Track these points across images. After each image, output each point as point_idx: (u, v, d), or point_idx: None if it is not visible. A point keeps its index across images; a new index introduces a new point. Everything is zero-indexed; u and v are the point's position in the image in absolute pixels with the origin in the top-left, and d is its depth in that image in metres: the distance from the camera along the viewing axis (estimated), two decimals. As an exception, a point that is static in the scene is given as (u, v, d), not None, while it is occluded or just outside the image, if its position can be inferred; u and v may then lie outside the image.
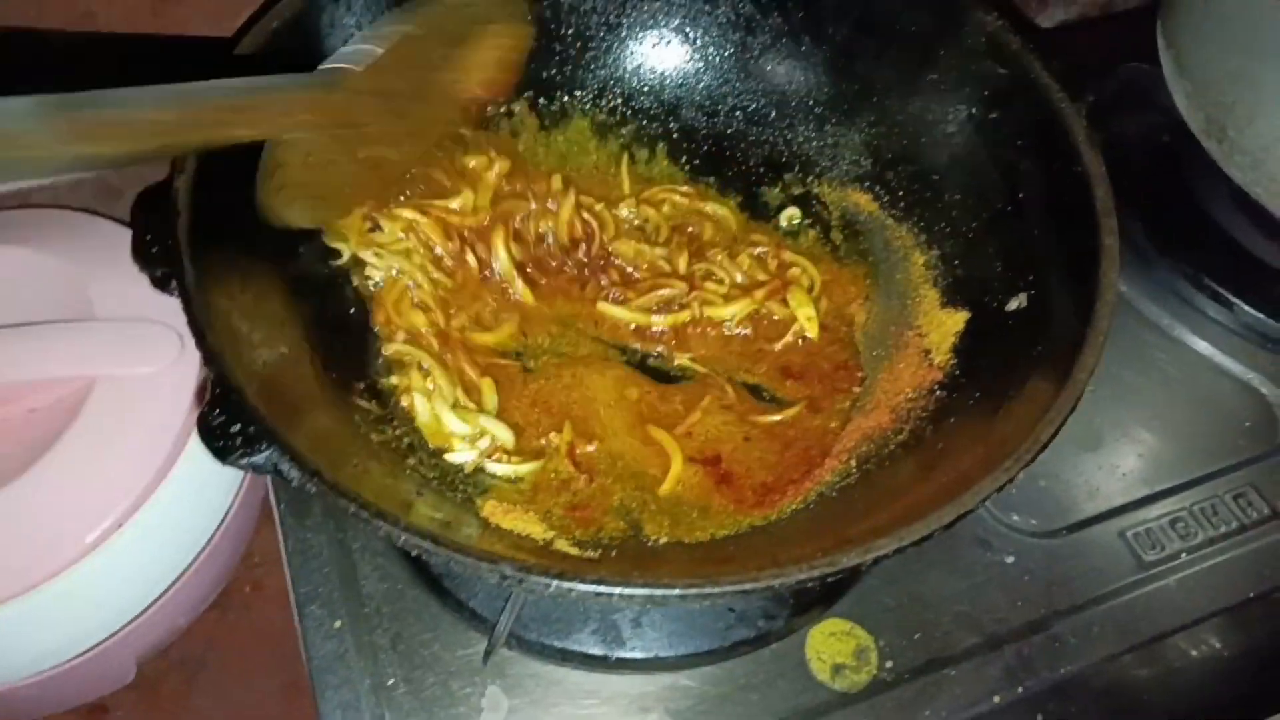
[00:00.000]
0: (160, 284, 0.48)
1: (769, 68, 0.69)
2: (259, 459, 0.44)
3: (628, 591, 0.41)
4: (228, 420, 0.44)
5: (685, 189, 0.69)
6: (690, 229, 0.68)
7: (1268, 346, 0.74)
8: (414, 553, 0.42)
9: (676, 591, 0.41)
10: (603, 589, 0.41)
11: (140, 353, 0.69)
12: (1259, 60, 0.65)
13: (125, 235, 0.73)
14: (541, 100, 0.69)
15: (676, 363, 0.63)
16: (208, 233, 0.49)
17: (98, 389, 0.68)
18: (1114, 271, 0.50)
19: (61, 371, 0.69)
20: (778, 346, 0.64)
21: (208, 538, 0.73)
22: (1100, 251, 0.51)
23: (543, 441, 0.58)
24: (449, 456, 0.56)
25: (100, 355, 0.69)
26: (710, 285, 0.64)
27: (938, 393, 0.58)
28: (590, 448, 0.58)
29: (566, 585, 0.41)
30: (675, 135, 0.71)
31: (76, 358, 0.69)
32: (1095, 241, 0.52)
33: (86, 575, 0.66)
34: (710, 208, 0.68)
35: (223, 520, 0.74)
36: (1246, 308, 0.74)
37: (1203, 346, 0.74)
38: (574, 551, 0.52)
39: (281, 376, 0.49)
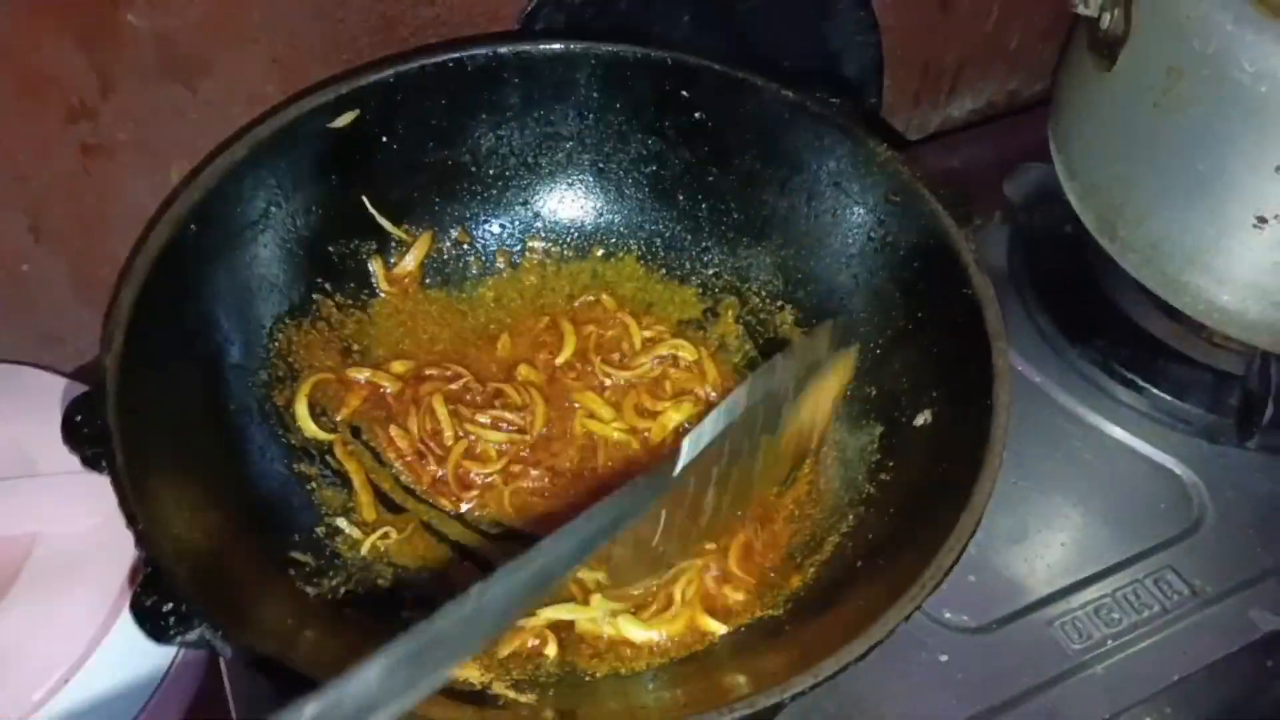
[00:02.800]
0: (90, 464, 0.50)
1: (680, 196, 0.73)
2: (192, 637, 0.45)
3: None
4: (160, 600, 0.45)
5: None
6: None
7: (1179, 428, 0.77)
8: None
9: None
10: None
11: (83, 506, 0.70)
12: (1141, 165, 0.69)
13: (62, 385, 0.75)
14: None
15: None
16: (139, 411, 0.51)
17: (41, 544, 0.69)
18: (1006, 394, 0.53)
19: (2, 530, 0.69)
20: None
21: (154, 687, 0.73)
22: (993, 374, 0.54)
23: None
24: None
25: (42, 511, 0.70)
26: None
27: (858, 509, 0.60)
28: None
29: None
30: (599, 265, 0.74)
31: (17, 515, 0.70)
32: (988, 362, 0.54)
33: (33, 734, 0.66)
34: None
35: (169, 668, 0.74)
36: (1156, 391, 0.77)
37: (1117, 431, 0.77)
38: (510, 694, 0.53)
39: (215, 547, 0.50)
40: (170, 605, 0.45)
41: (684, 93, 0.69)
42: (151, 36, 0.66)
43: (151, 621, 0.45)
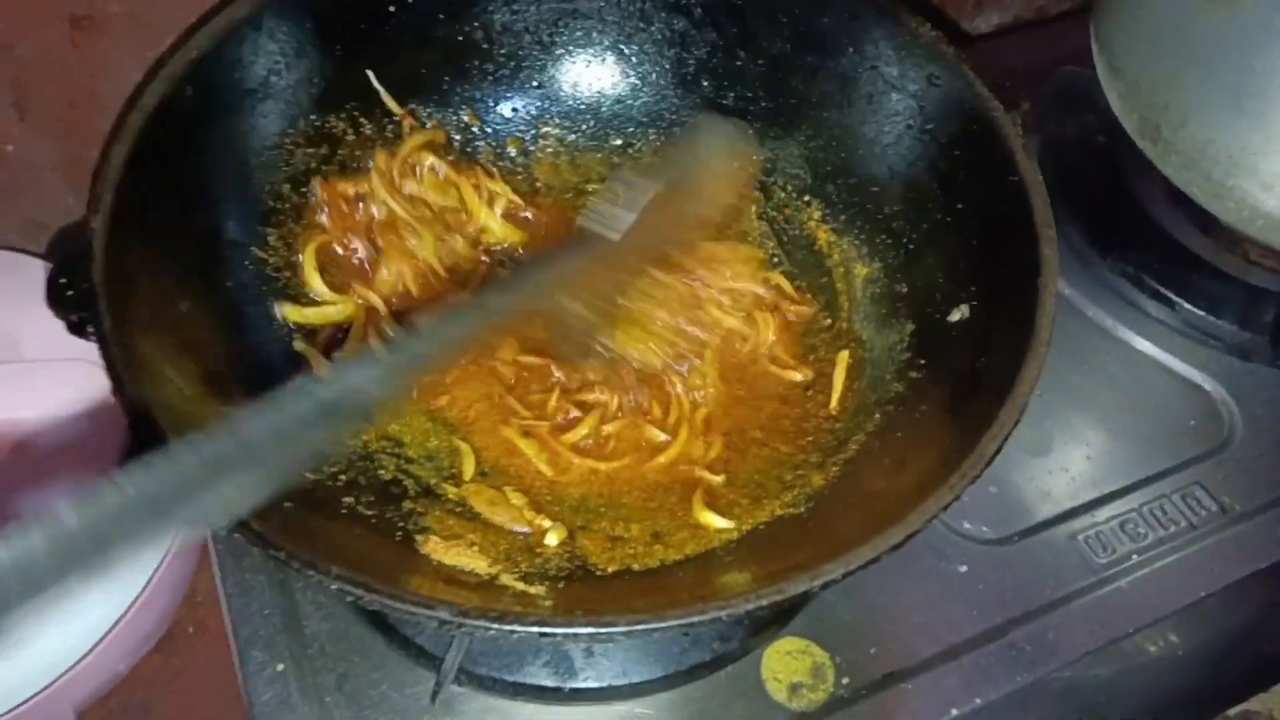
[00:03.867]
0: (77, 330, 0.47)
1: (705, 83, 0.69)
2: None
3: (571, 631, 0.40)
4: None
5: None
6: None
7: (1209, 344, 0.75)
8: (349, 599, 0.41)
9: (621, 629, 0.40)
10: (545, 630, 0.40)
11: (70, 392, 0.68)
12: (1189, 63, 0.66)
13: (48, 269, 0.72)
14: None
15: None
16: (127, 274, 0.47)
17: (30, 430, 0.67)
18: (1054, 283, 0.50)
19: (-10, 415, 0.67)
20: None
21: (146, 579, 0.71)
22: (1040, 262, 0.51)
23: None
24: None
25: (30, 397, 0.68)
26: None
27: (886, 408, 0.58)
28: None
29: (507, 628, 0.40)
30: (616, 155, 0.70)
31: (5, 401, 0.68)
32: (1034, 252, 0.52)
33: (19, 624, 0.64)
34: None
35: (161, 560, 0.72)
36: (1188, 305, 0.75)
37: (1146, 346, 0.75)
38: (519, 586, 0.51)
39: (208, 417, 0.47)
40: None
41: (713, -33, 0.65)
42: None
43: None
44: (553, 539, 0.54)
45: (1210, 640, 0.65)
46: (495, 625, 0.39)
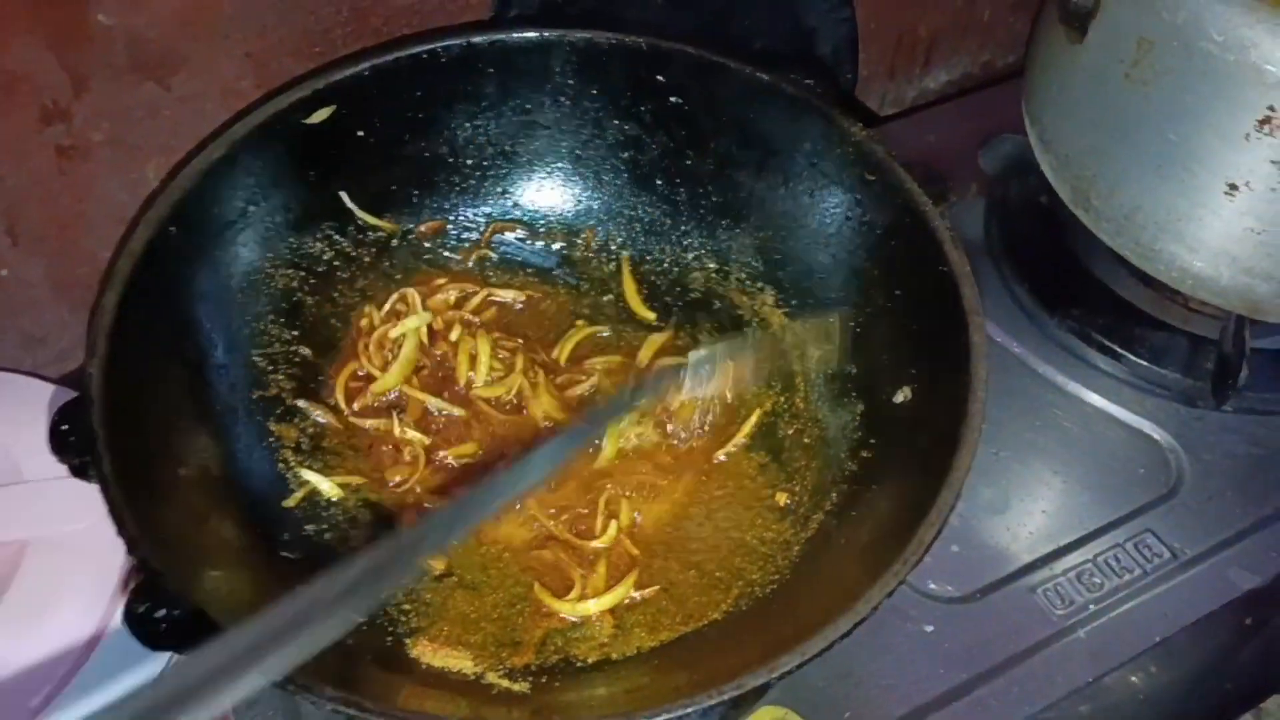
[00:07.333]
0: (79, 473, 0.50)
1: (658, 181, 0.73)
2: (186, 644, 0.45)
3: (549, 736, 0.43)
4: (153, 606, 0.45)
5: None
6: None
7: (1156, 393, 0.78)
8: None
9: (597, 730, 0.43)
10: (526, 736, 0.43)
11: (72, 511, 0.70)
12: (1112, 136, 0.69)
13: (48, 390, 0.75)
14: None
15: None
16: (125, 417, 0.51)
17: (31, 551, 0.69)
18: (983, 368, 0.54)
19: (-9, 539, 0.69)
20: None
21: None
22: (970, 349, 0.55)
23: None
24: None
25: (31, 518, 0.70)
26: None
27: (841, 487, 0.61)
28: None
29: (490, 737, 0.43)
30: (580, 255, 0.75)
31: (6, 522, 0.70)
32: (965, 339, 0.55)
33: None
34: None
35: (166, 668, 0.74)
36: (1133, 357, 0.78)
37: (1095, 399, 0.78)
38: (504, 684, 0.54)
39: (206, 550, 0.51)
40: (163, 612, 0.45)
41: (659, 77, 0.69)
42: (122, 34, 0.66)
43: (145, 629, 0.45)
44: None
45: (1172, 681, 0.67)
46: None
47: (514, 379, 0.66)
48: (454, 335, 0.68)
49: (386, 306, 0.69)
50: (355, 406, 0.66)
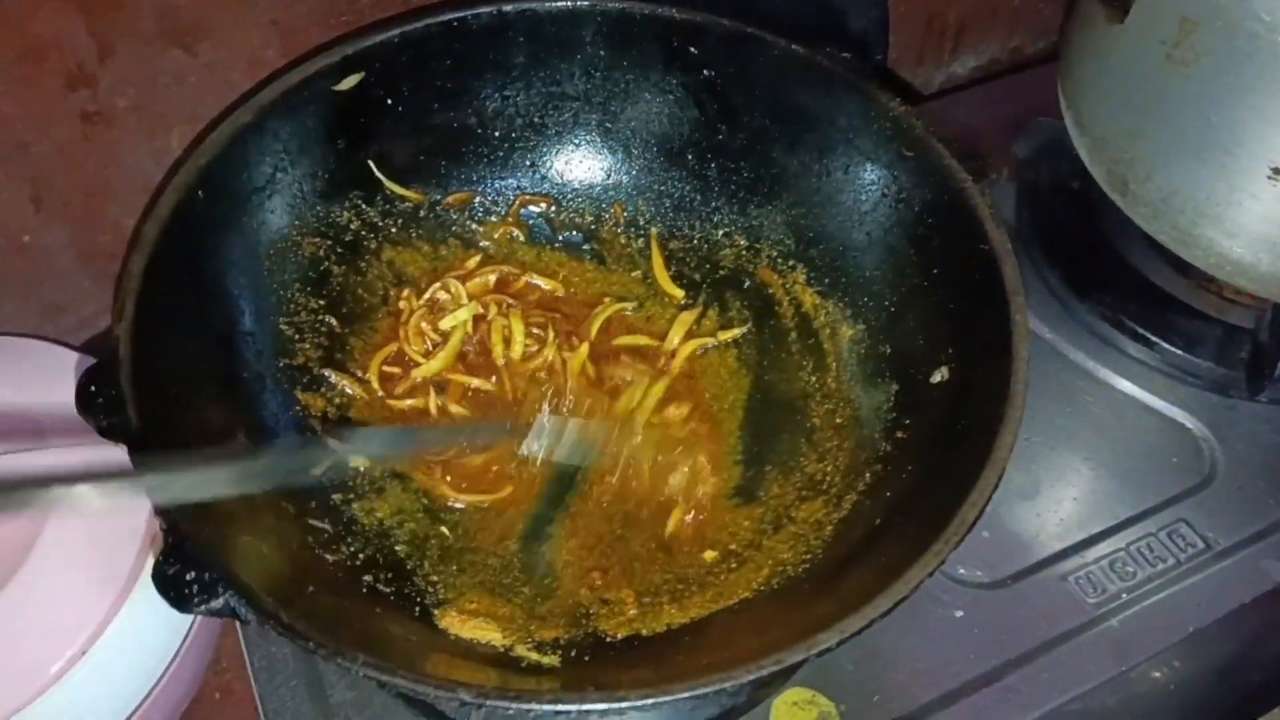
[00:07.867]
0: (106, 434, 0.49)
1: (689, 156, 0.72)
2: (216, 604, 0.45)
3: (584, 708, 0.43)
4: (182, 569, 0.45)
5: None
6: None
7: (1189, 381, 0.77)
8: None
9: (630, 703, 0.43)
10: (560, 707, 0.43)
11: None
12: (1151, 118, 0.69)
13: (71, 357, 0.75)
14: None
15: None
16: (152, 380, 0.50)
17: (54, 516, 0.69)
18: (1025, 348, 0.53)
19: (15, 503, 0.69)
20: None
21: (173, 653, 0.73)
22: (1011, 329, 0.54)
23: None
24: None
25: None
26: None
27: (875, 467, 0.60)
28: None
29: (525, 706, 0.42)
30: (608, 230, 0.74)
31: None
32: (1005, 318, 0.54)
33: (52, 706, 0.66)
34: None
35: (188, 633, 0.74)
36: (1166, 345, 0.77)
37: (1127, 386, 0.77)
38: (533, 656, 0.53)
39: (233, 512, 0.50)
40: (193, 574, 0.45)
41: (692, 49, 0.68)
42: (150, 0, 0.65)
43: (174, 590, 0.45)
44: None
45: (1197, 680, 0.66)
46: (514, 704, 0.42)
47: (548, 351, 0.66)
48: (490, 314, 0.68)
49: (427, 295, 0.68)
50: (395, 390, 0.66)
